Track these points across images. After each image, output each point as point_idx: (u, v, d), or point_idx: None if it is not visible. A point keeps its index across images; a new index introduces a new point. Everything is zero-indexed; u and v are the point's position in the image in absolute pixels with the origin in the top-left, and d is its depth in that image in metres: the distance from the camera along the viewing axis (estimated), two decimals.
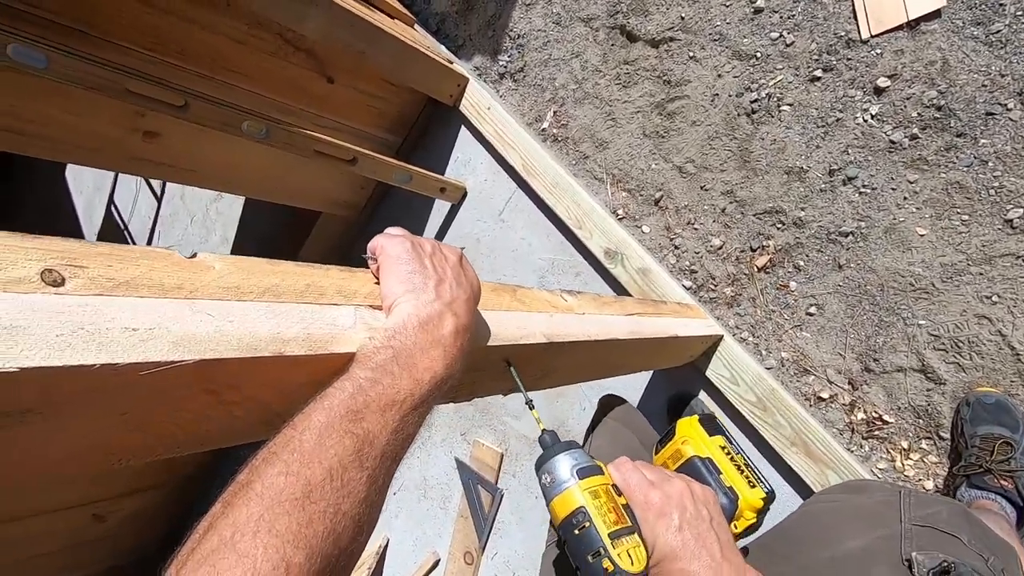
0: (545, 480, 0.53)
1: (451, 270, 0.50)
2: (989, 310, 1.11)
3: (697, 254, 1.48)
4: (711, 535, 0.49)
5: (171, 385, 0.33)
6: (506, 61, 1.97)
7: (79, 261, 0.32)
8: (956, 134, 1.19)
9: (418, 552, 1.78)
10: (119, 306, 0.32)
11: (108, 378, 0.30)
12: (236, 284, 0.39)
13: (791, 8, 1.42)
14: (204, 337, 0.34)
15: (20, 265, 0.30)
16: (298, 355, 0.38)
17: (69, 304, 0.30)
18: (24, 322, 0.28)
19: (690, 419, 0.65)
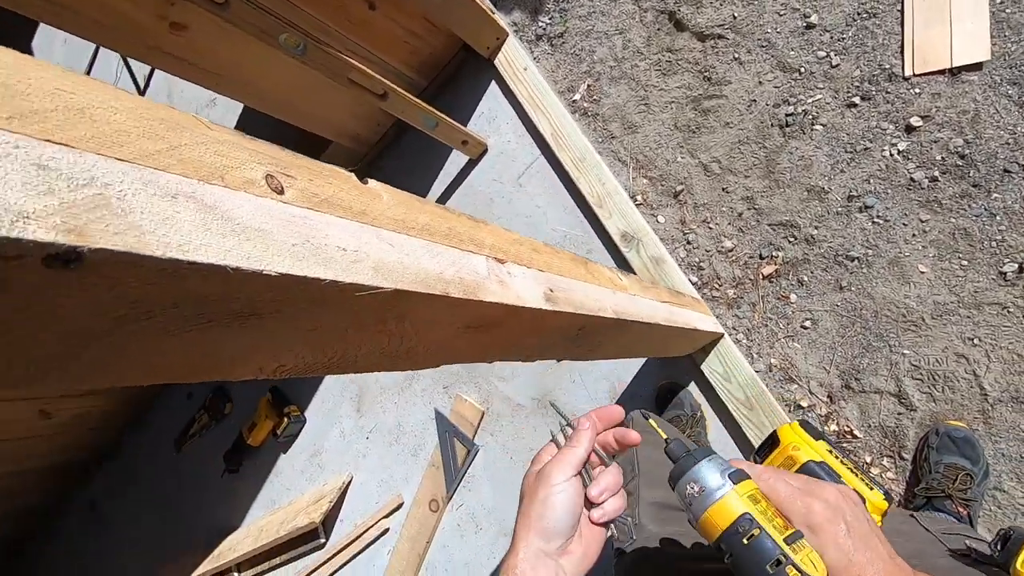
0: (691, 491, 0.48)
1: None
2: (968, 351, 1.21)
3: (707, 252, 1.52)
4: (875, 539, 0.46)
5: (365, 308, 0.33)
6: (546, 23, 1.93)
7: (288, 170, 0.32)
8: (973, 184, 1.26)
9: (382, 494, 1.82)
10: (327, 223, 0.32)
11: (329, 294, 0.30)
12: (401, 217, 0.39)
13: (843, 31, 1.45)
14: (393, 267, 0.34)
15: (248, 167, 0.29)
16: (456, 297, 0.39)
17: (292, 214, 0.30)
18: (267, 226, 0.28)
19: (791, 425, 0.65)
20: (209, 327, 0.27)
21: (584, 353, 0.74)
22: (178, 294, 0.24)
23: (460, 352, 0.49)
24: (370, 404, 1.92)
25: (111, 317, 0.23)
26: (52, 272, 0.20)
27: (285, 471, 2.09)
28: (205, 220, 0.24)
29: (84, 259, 0.20)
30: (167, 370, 0.28)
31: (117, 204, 0.21)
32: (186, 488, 2.37)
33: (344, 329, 0.34)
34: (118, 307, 0.23)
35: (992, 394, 1.18)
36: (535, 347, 0.60)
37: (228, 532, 2.14)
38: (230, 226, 0.25)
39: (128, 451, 2.64)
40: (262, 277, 0.26)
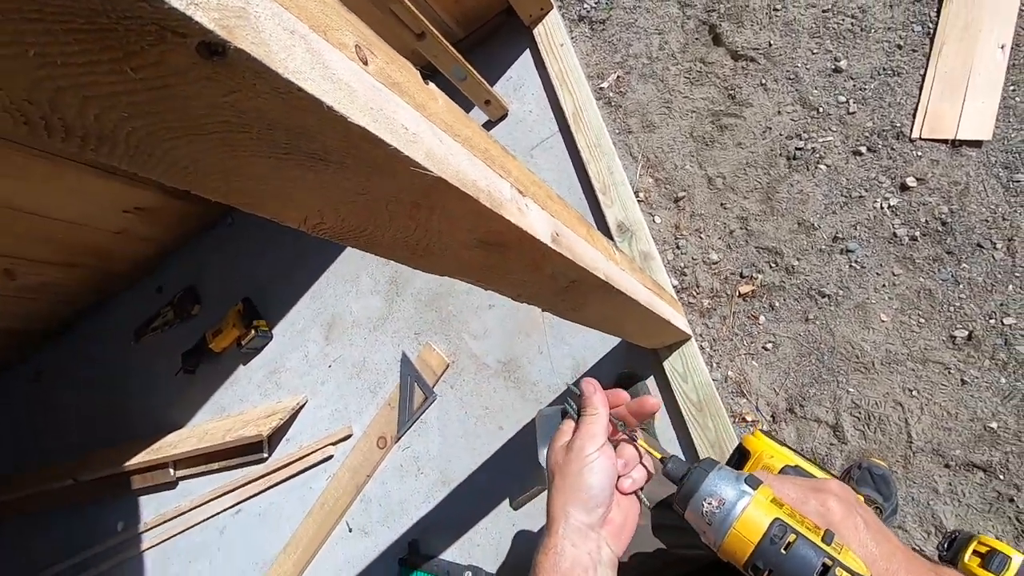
0: (710, 507, 0.43)
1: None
2: (906, 400, 1.30)
3: (693, 260, 1.59)
4: (887, 530, 0.46)
5: (409, 186, 0.38)
6: (591, 6, 1.95)
7: (372, 47, 0.36)
8: (947, 251, 1.35)
9: (334, 422, 1.86)
10: (395, 103, 0.36)
11: (387, 159, 0.34)
12: (451, 122, 0.43)
13: (866, 82, 1.52)
14: (440, 158, 0.39)
15: (344, 32, 0.33)
16: (484, 205, 0.43)
17: (372, 84, 0.34)
18: (354, 85, 0.31)
19: (755, 434, 0.66)
20: (286, 159, 0.31)
21: (567, 309, 0.79)
22: (277, 116, 0.28)
23: (465, 265, 0.53)
24: (339, 335, 1.95)
25: (220, 120, 0.27)
26: (198, 59, 0.23)
27: (241, 382, 2.11)
28: (311, 61, 0.28)
29: (227, 55, 0.24)
30: (240, 191, 0.32)
31: (255, 21, 0.25)
32: (137, 378, 2.37)
33: (385, 202, 0.39)
34: (228, 113, 0.27)
35: (917, 443, 1.27)
36: (527, 285, 0.64)
37: (172, 429, 2.15)
38: (328, 73, 0.29)
39: (85, 330, 2.61)
40: (345, 123, 0.30)
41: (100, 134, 0.25)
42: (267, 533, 1.89)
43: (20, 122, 0.24)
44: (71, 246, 2.23)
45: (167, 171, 0.29)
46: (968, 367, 1.28)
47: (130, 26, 0.21)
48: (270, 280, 2.17)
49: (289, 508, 1.88)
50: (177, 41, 0.22)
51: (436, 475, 1.67)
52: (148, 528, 2.12)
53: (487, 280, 0.59)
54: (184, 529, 2.04)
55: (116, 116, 0.25)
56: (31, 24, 0.20)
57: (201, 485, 2.06)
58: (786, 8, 1.66)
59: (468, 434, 1.65)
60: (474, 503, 1.60)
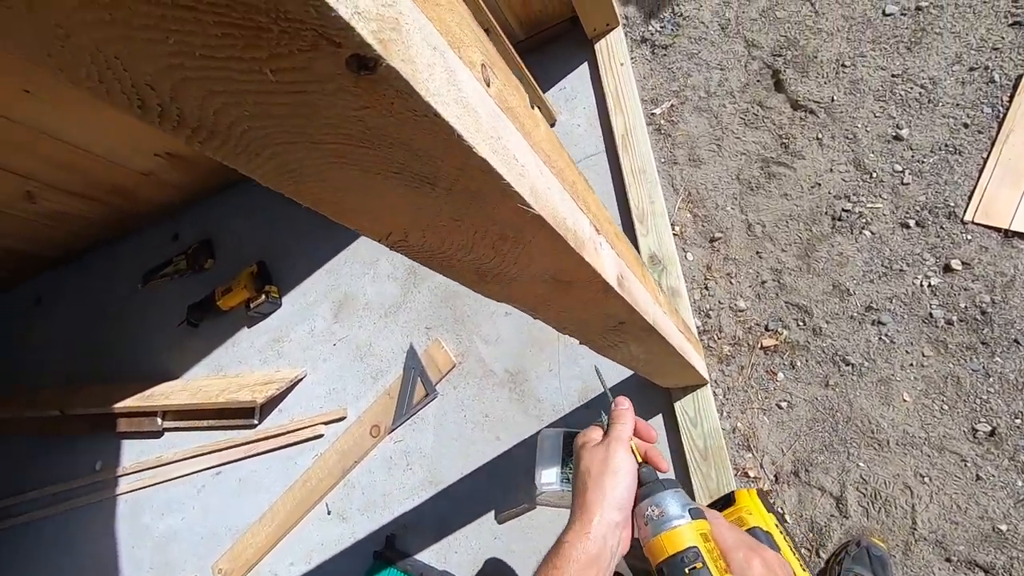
0: (651, 512, 0.52)
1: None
2: (916, 485, 1.27)
3: (720, 304, 1.56)
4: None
5: (506, 220, 0.35)
6: (656, 30, 1.93)
7: (494, 67, 0.33)
8: (982, 341, 1.31)
9: (329, 402, 1.84)
10: (510, 131, 0.33)
11: (496, 192, 0.31)
12: (549, 152, 0.40)
13: (925, 155, 1.48)
14: (542, 194, 0.36)
15: (473, 49, 0.30)
16: (569, 245, 0.41)
17: (493, 110, 0.31)
18: (480, 110, 0.29)
19: (749, 491, 0.69)
20: (393, 178, 0.28)
21: (604, 346, 0.76)
22: (403, 136, 0.25)
23: (526, 296, 0.51)
24: (349, 314, 1.93)
25: (343, 132, 0.24)
26: (344, 71, 0.21)
27: (242, 344, 2.09)
28: (447, 82, 0.26)
29: (376, 71, 0.21)
30: (333, 201, 0.30)
31: (405, 35, 0.22)
32: (138, 322, 2.35)
33: (475, 230, 0.36)
34: (354, 127, 0.24)
35: (921, 531, 1.24)
36: (577, 321, 0.62)
37: (166, 378, 2.14)
38: (460, 96, 0.27)
39: (94, 264, 2.60)
40: (469, 153, 0.27)
41: (214, 128, 0.23)
42: (244, 500, 1.87)
43: (135, 104, 0.21)
44: (96, 180, 2.21)
45: (267, 172, 0.27)
46: (986, 463, 1.25)
47: (287, 28, 0.19)
48: (288, 247, 2.15)
49: (270, 479, 1.86)
50: (330, 50, 0.20)
51: (425, 473, 1.64)
52: (126, 473, 2.10)
53: (539, 310, 0.57)
54: (162, 481, 2.02)
55: (237, 114, 0.22)
56: (181, 11, 0.17)
57: (186, 440, 2.05)
58: (855, 66, 1.63)
59: (464, 438, 1.63)
60: (459, 509, 1.57)
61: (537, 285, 0.48)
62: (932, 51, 1.54)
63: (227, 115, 0.22)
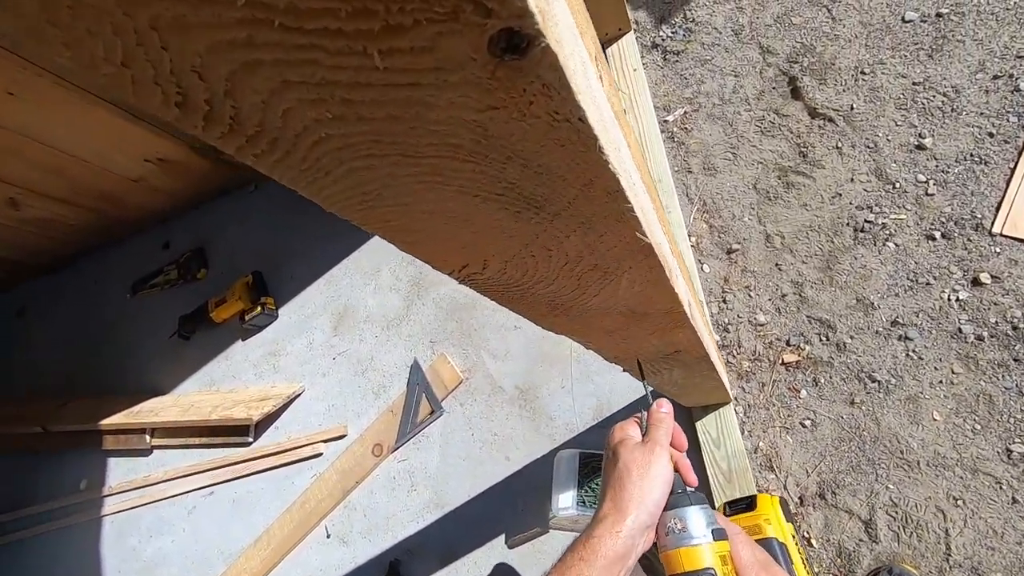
0: (674, 525, 0.52)
1: None
2: (949, 509, 1.22)
3: (739, 318, 1.50)
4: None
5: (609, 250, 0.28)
6: (668, 35, 1.88)
7: (601, 63, 0.27)
8: (1014, 358, 1.27)
9: (329, 418, 1.75)
10: (619, 140, 0.27)
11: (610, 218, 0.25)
12: (640, 166, 0.34)
13: (950, 165, 1.44)
14: (648, 219, 0.30)
15: (588, 39, 0.24)
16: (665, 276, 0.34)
17: (610, 114, 0.25)
18: (606, 115, 0.22)
19: (772, 497, 0.66)
20: (494, 200, 0.22)
21: (650, 372, 0.70)
22: (527, 147, 0.19)
23: (592, 328, 0.45)
24: (350, 327, 1.85)
25: (452, 142, 0.18)
26: (484, 55, 0.14)
27: (237, 358, 2.00)
28: (585, 76, 0.19)
29: (528, 54, 0.15)
30: (412, 229, 0.23)
31: (554, 6, 0.16)
32: (126, 334, 2.25)
33: (566, 261, 0.29)
34: (469, 135, 0.18)
35: (955, 557, 1.19)
36: (633, 350, 0.56)
37: (155, 393, 2.04)
38: (596, 96, 0.20)
39: (80, 272, 2.50)
40: (602, 169, 0.21)
41: (279, 135, 0.16)
42: (238, 522, 1.78)
43: (172, 102, 0.15)
44: (83, 186, 2.12)
45: (334, 194, 0.20)
46: (1022, 485, 1.20)
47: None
48: (285, 257, 2.07)
49: (266, 500, 1.77)
50: (474, 21, 0.13)
51: (430, 494, 1.57)
52: (113, 492, 2.00)
53: (596, 341, 0.50)
54: (151, 501, 1.93)
55: (315, 115, 0.16)
56: None
57: (176, 458, 1.95)
58: (874, 74, 1.59)
59: (471, 458, 1.56)
60: (467, 532, 1.50)
61: (610, 317, 0.42)
62: (954, 59, 1.50)
63: (300, 118, 0.16)
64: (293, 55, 0.14)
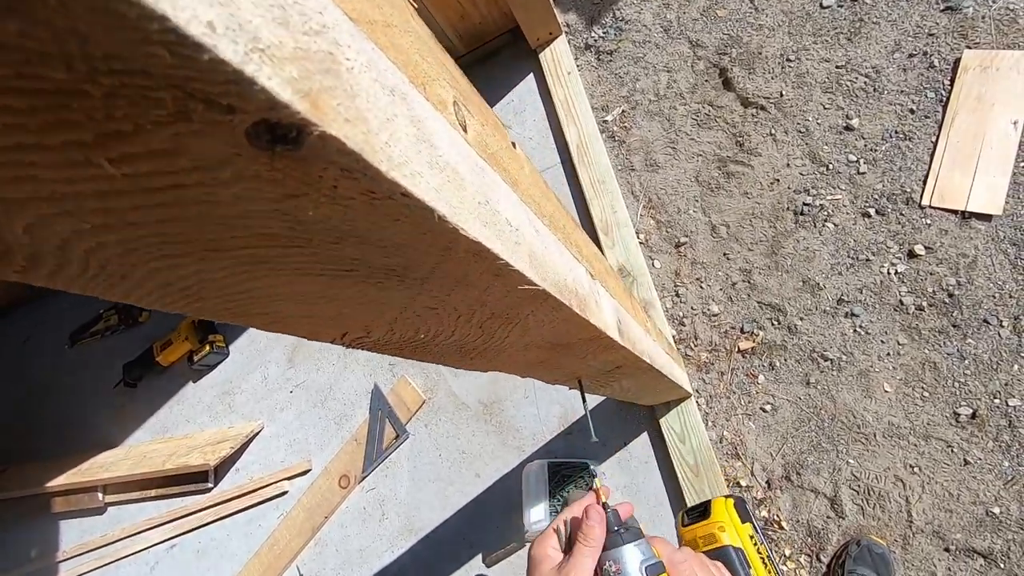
0: (609, 568, 0.52)
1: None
2: (907, 477, 1.25)
3: (693, 310, 1.52)
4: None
5: (499, 300, 0.27)
6: (599, 36, 1.89)
7: (467, 103, 0.25)
8: (953, 324, 1.31)
9: (291, 454, 1.69)
10: (497, 186, 0.25)
11: (486, 275, 0.23)
12: (537, 199, 0.32)
13: (877, 143, 1.49)
14: (542, 260, 0.28)
15: (442, 84, 0.22)
16: (575, 312, 0.33)
17: (475, 163, 0.23)
18: (460, 169, 0.20)
19: (725, 501, 0.66)
20: (344, 277, 0.20)
21: (594, 387, 0.68)
22: (354, 227, 0.17)
23: (516, 363, 0.43)
24: (305, 357, 1.79)
25: (260, 233, 0.16)
26: (247, 149, 0.12)
27: (189, 401, 1.91)
28: (416, 138, 0.17)
29: (303, 144, 0.12)
30: (261, 314, 0.21)
31: (346, 77, 0.14)
32: (68, 387, 2.13)
33: (457, 315, 0.27)
34: (278, 224, 0.15)
35: (917, 523, 1.22)
36: (569, 373, 0.54)
37: (104, 447, 1.93)
38: (435, 156, 0.18)
39: (10, 329, 2.35)
40: (455, 236, 0.19)
41: (33, 252, 0.14)
42: (205, 573, 1.70)
43: None
44: None
45: (145, 294, 0.17)
46: (971, 447, 1.24)
47: (119, 88, 0.10)
48: None
49: (233, 546, 1.69)
50: (214, 119, 0.11)
51: (402, 521, 1.53)
52: (68, 557, 1.89)
53: (530, 373, 0.48)
54: (110, 561, 1.82)
55: (70, 227, 0.13)
56: None
57: (133, 513, 1.85)
58: (799, 60, 1.63)
59: (441, 479, 1.52)
60: (443, 555, 1.47)
61: (532, 352, 0.40)
62: (872, 40, 1.55)
63: (51, 232, 0.13)
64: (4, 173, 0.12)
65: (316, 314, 0.23)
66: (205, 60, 0.09)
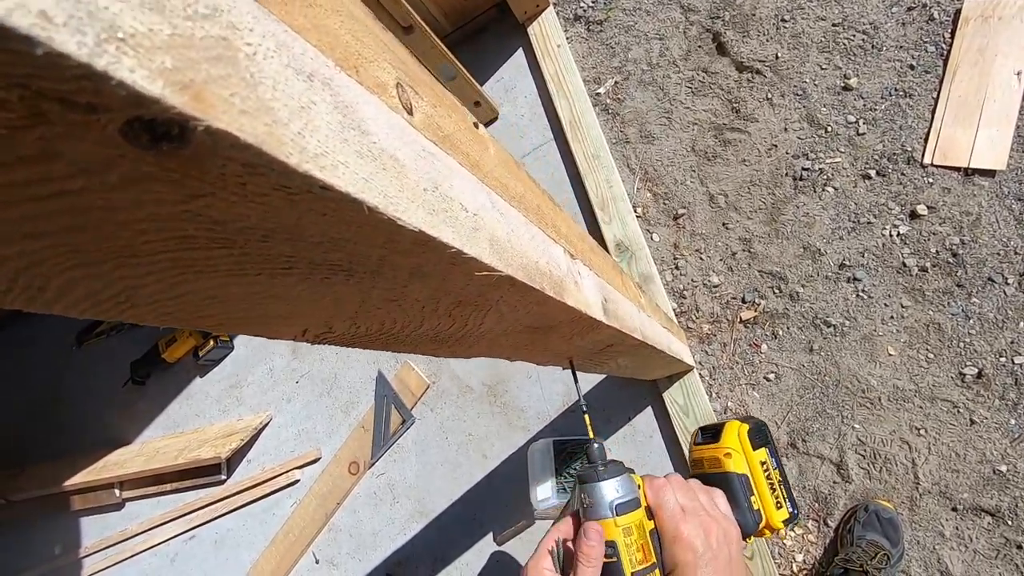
0: (584, 499, 0.54)
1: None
2: (913, 439, 1.25)
3: (693, 282, 1.51)
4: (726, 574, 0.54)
5: (462, 288, 0.26)
6: (589, 5, 1.84)
7: (416, 85, 0.24)
8: (957, 283, 1.30)
9: (300, 443, 1.71)
10: (451, 170, 0.24)
11: (443, 263, 0.22)
12: (504, 180, 0.31)
13: (876, 102, 1.45)
14: (504, 245, 0.27)
15: (381, 65, 0.21)
16: (547, 294, 0.32)
17: (423, 146, 0.22)
18: (401, 155, 0.19)
19: (740, 427, 0.65)
20: (287, 274, 0.19)
21: (590, 366, 0.68)
22: (279, 224, 0.16)
23: (499, 347, 0.42)
24: (308, 349, 1.80)
25: (175, 235, 0.15)
26: (127, 148, 0.11)
27: (197, 396, 1.93)
28: (342, 125, 0.16)
29: (189, 141, 0.11)
30: (205, 316, 0.20)
31: (245, 64, 0.13)
32: (78, 388, 2.16)
33: (422, 304, 0.27)
34: (191, 226, 0.15)
35: (924, 484, 1.22)
36: (558, 354, 0.54)
37: (117, 445, 1.96)
38: (366, 143, 0.17)
39: (19, 331, 2.37)
40: (393, 228, 0.18)
41: None
42: (224, 562, 1.73)
43: None
44: None
45: (77, 304, 0.17)
46: (977, 406, 1.23)
47: None
48: None
49: (249, 536, 1.72)
50: (77, 120, 0.10)
51: (413, 505, 1.55)
52: (90, 553, 1.93)
53: (516, 356, 0.48)
54: (131, 555, 1.86)
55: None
56: None
57: (150, 507, 1.89)
58: (794, 20, 1.58)
59: (449, 462, 1.54)
60: (454, 536, 1.49)
61: (511, 337, 0.39)
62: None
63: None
64: None
65: (268, 313, 0.22)
66: (40, 55, 0.09)
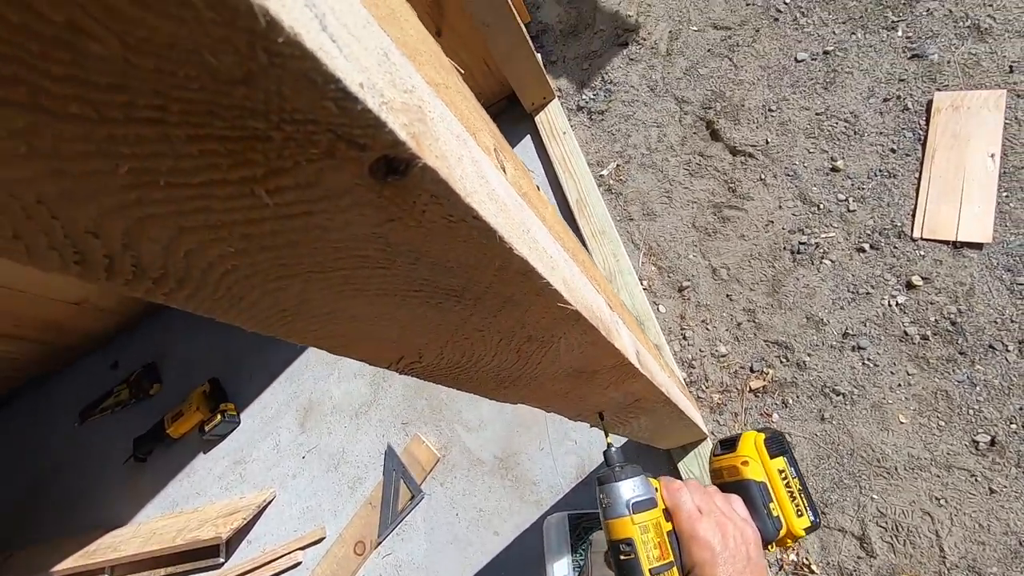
0: (602, 499, 0.56)
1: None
2: (934, 510, 1.23)
3: (701, 352, 1.53)
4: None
5: (538, 321, 0.30)
6: (590, 97, 2.00)
7: (502, 150, 0.29)
8: (959, 351, 1.33)
9: (305, 522, 1.66)
10: (532, 220, 0.28)
11: (533, 293, 0.26)
12: (561, 234, 0.36)
13: (863, 182, 1.56)
14: (573, 285, 0.31)
15: (485, 134, 0.26)
16: (602, 336, 0.36)
17: (515, 199, 0.26)
18: (507, 202, 0.24)
19: (756, 435, 0.66)
20: (412, 296, 0.23)
21: (615, 423, 0.70)
22: (430, 248, 0.20)
23: (543, 393, 0.45)
24: (317, 422, 1.79)
25: (358, 255, 0.19)
26: (367, 180, 0.16)
27: (199, 473, 1.89)
28: (476, 173, 0.21)
29: (408, 174, 0.16)
30: (337, 335, 0.24)
31: (431, 125, 0.18)
32: (77, 465, 2.11)
33: (500, 337, 0.30)
34: (374, 247, 0.19)
35: (951, 558, 1.19)
36: (592, 406, 0.56)
37: (113, 526, 1.89)
38: (488, 189, 0.22)
39: (20, 407, 2.35)
40: (509, 256, 0.22)
41: (184, 275, 0.17)
42: None
43: (70, 262, 0.15)
44: (22, 317, 2.03)
45: (253, 316, 0.20)
46: (995, 475, 1.23)
47: (293, 133, 0.13)
48: (242, 358, 2.01)
49: None
50: (351, 156, 0.14)
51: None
52: None
53: (553, 404, 0.50)
54: None
55: (218, 252, 0.16)
56: (139, 127, 0.12)
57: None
58: (780, 109, 1.72)
59: (459, 540, 1.49)
60: None
61: (559, 381, 0.42)
62: (847, 88, 1.65)
63: (203, 256, 0.16)
64: (185, 206, 0.15)
65: (380, 336, 0.26)
66: (359, 110, 0.13)
